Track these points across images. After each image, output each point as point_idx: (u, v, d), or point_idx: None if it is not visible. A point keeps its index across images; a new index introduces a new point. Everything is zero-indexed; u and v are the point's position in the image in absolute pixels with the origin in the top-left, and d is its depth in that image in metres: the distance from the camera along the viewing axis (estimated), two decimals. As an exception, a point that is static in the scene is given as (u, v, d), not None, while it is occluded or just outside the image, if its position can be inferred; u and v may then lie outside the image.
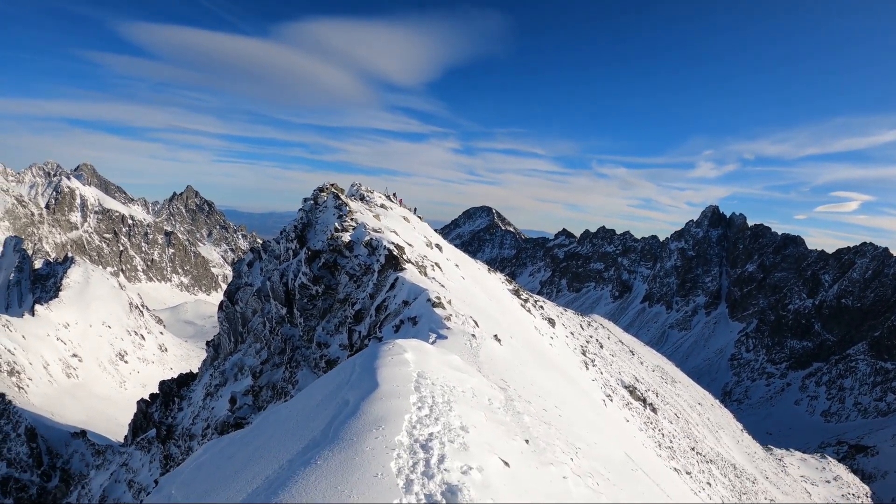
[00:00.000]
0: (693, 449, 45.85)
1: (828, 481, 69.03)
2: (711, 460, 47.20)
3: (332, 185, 40.67)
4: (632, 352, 67.81)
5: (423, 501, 6.33)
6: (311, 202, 38.74)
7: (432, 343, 17.95)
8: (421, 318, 21.55)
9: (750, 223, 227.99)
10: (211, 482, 10.60)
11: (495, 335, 21.55)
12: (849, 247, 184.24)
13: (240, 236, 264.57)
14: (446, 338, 18.84)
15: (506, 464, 8.10)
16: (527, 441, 10.38)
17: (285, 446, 9.00)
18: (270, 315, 37.49)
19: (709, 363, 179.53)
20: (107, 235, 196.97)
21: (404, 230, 38.04)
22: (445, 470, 7.03)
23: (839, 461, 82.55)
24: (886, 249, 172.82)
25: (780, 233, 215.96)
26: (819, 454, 79.87)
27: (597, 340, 58.51)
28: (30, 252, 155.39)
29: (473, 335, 19.49)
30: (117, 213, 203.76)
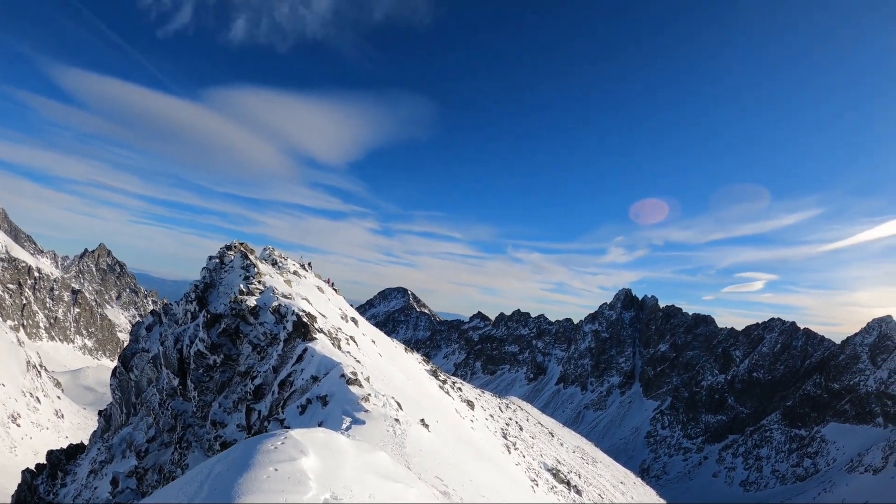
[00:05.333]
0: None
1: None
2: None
3: (241, 243, 37.07)
4: (551, 433, 65.40)
5: None
6: (217, 261, 34.95)
7: (346, 430, 14.69)
8: (332, 397, 18.15)
9: (661, 305, 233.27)
10: None
11: (422, 420, 18.41)
12: (757, 323, 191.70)
13: (150, 302, 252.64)
14: (364, 423, 15.58)
15: None
16: None
17: None
18: (162, 386, 33.17)
19: (625, 441, 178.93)
20: (10, 286, 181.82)
21: (318, 300, 34.69)
22: None
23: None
24: (793, 324, 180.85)
25: (690, 313, 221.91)
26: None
27: (516, 423, 55.97)
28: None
29: (397, 419, 16.34)
30: (24, 264, 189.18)
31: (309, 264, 46.99)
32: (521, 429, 54.03)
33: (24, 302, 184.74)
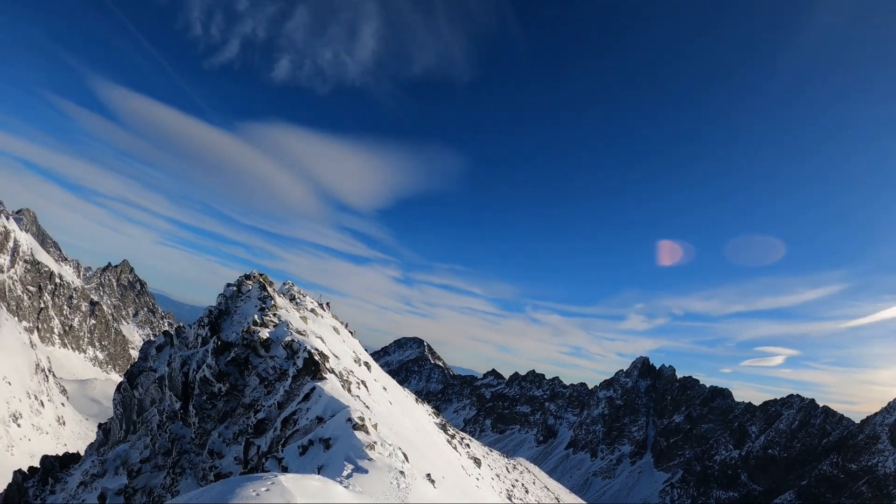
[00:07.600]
0: None
1: None
2: None
3: (260, 274, 36.58)
4: (557, 499, 63.26)
5: None
6: (234, 289, 34.42)
7: (347, 477, 13.72)
8: (336, 440, 17.20)
9: (679, 375, 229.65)
10: None
11: (428, 474, 17.34)
12: (775, 399, 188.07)
13: (166, 323, 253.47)
14: (367, 472, 14.60)
15: None
16: None
17: None
18: (164, 408, 32.36)
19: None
20: (31, 288, 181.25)
21: (332, 340, 33.92)
22: None
23: None
24: (812, 401, 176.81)
25: (707, 385, 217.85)
26: None
27: (522, 485, 54.27)
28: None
29: (402, 472, 15.34)
30: (46, 269, 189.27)
31: (327, 304, 46.52)
32: (526, 492, 52.33)
33: (42, 306, 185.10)
